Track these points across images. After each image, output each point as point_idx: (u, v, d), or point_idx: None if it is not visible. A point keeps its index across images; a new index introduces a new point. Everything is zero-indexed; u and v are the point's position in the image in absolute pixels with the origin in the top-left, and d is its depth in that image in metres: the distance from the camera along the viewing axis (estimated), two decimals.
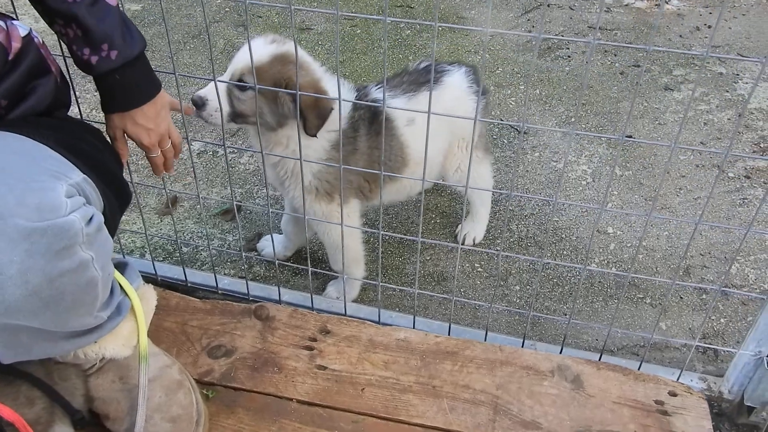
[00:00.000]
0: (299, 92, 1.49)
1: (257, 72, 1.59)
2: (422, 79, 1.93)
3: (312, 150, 1.74)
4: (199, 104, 1.67)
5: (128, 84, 1.38)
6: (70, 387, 1.39)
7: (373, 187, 1.91)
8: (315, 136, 1.68)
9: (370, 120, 1.83)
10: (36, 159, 1.15)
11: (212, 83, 1.66)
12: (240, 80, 1.67)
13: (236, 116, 1.70)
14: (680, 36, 3.38)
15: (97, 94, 1.42)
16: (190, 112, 1.66)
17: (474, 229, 2.27)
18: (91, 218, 1.14)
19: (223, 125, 1.66)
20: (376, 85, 1.92)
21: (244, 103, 1.68)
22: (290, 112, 1.68)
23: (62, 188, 1.10)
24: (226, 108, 1.67)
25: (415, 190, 2.15)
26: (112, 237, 1.34)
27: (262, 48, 1.68)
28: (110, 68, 1.33)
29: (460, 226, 2.29)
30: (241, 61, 1.68)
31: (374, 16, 1.29)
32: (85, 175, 1.19)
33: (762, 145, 2.67)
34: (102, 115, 1.47)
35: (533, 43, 3.13)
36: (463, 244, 2.23)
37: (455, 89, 1.95)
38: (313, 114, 1.65)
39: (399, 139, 1.87)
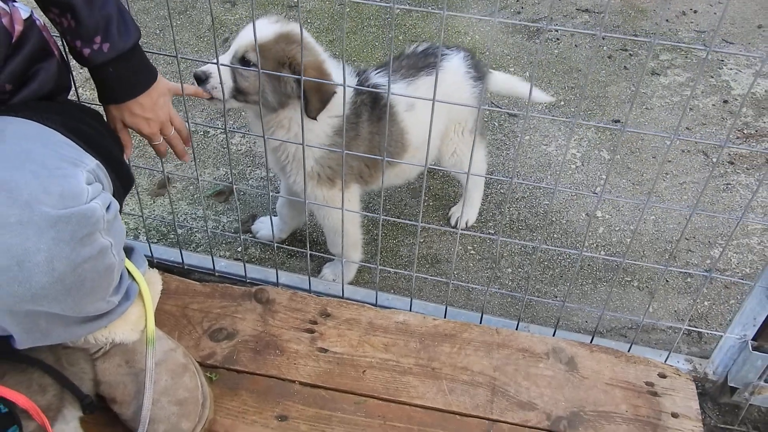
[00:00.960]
0: (303, 77, 1.49)
1: (261, 50, 1.58)
2: (421, 63, 1.94)
3: (314, 135, 1.74)
4: (202, 79, 1.66)
5: (122, 76, 1.37)
6: (79, 372, 1.40)
7: (373, 172, 1.93)
8: (315, 118, 1.69)
9: (372, 105, 1.83)
10: (53, 145, 1.15)
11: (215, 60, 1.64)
12: (243, 57, 1.67)
13: (238, 93, 1.70)
14: (666, 20, 3.41)
15: (83, 71, 1.41)
16: (201, 94, 1.65)
17: (466, 211, 2.30)
18: (109, 205, 1.15)
19: (225, 103, 1.66)
20: (376, 70, 1.92)
21: (247, 80, 1.67)
22: (293, 92, 1.69)
23: (82, 176, 1.11)
24: (229, 84, 1.66)
25: (414, 175, 2.17)
26: None
27: (266, 27, 1.68)
28: (103, 61, 1.32)
29: (452, 209, 2.32)
30: (245, 38, 1.67)
31: (380, 3, 1.29)
32: (98, 162, 1.19)
33: (746, 132, 2.74)
34: (89, 92, 1.45)
35: (522, 25, 3.14)
36: (455, 226, 2.27)
37: (454, 74, 1.97)
38: (315, 96, 1.66)
39: (399, 125, 1.89)
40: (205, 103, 2.70)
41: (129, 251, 1.47)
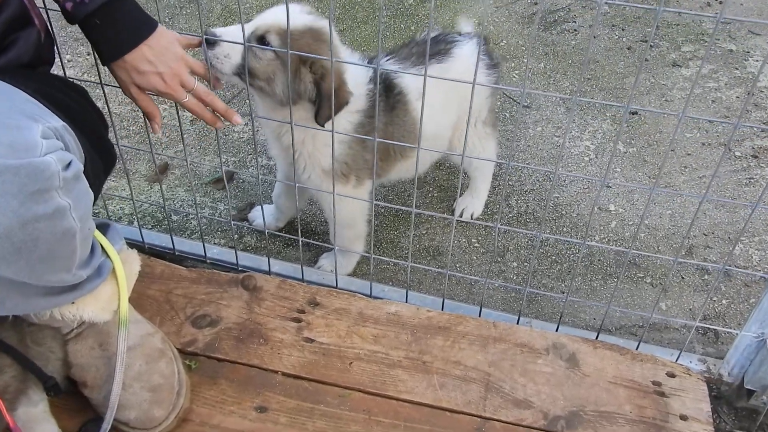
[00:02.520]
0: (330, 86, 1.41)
1: (285, 36, 1.44)
2: (432, 50, 1.84)
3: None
4: (211, 41, 1.47)
5: (111, 27, 1.28)
6: (45, 351, 1.34)
7: (385, 165, 1.85)
8: (323, 126, 1.57)
9: (385, 95, 1.75)
10: (15, 101, 1.08)
11: (233, 28, 1.50)
12: (263, 37, 1.52)
13: (243, 71, 1.51)
14: (690, 11, 3.28)
15: (89, 57, 1.35)
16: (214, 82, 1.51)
17: (472, 203, 2.21)
18: (69, 164, 1.07)
19: (225, 76, 1.55)
20: (386, 56, 1.84)
21: (259, 62, 1.52)
22: (305, 93, 1.56)
23: (38, 128, 1.03)
24: (236, 59, 1.50)
25: (425, 167, 2.09)
26: (96, 199, 1.28)
27: (297, 15, 1.54)
28: (86, 13, 1.25)
29: (458, 200, 2.23)
30: (269, 17, 1.54)
31: None
32: (64, 123, 1.13)
33: None
34: (94, 77, 1.39)
35: (538, 15, 3.04)
36: (460, 217, 2.18)
37: (465, 61, 1.86)
38: (329, 103, 1.50)
39: (411, 114, 1.80)
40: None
41: (105, 227, 1.41)
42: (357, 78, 1.67)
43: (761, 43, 3.01)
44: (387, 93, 1.77)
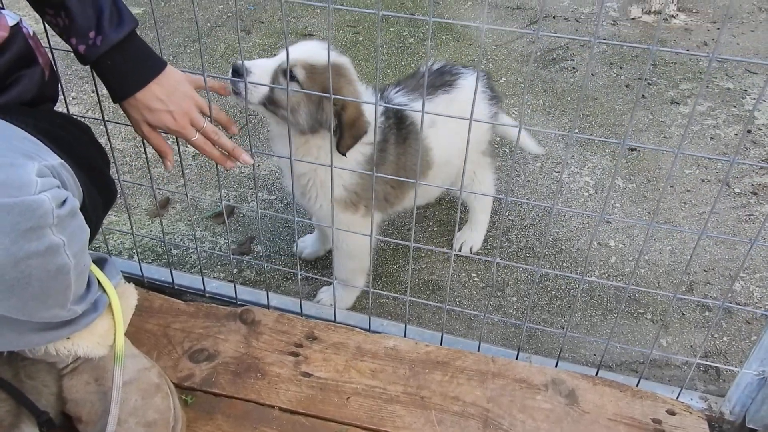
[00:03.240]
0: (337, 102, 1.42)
1: (311, 70, 1.56)
2: (438, 81, 1.91)
3: (343, 161, 1.66)
4: (240, 73, 1.53)
5: (121, 67, 1.32)
6: (38, 386, 1.33)
7: (399, 193, 1.88)
8: (345, 154, 1.63)
9: (397, 126, 1.79)
10: (11, 139, 1.10)
11: (263, 61, 1.59)
12: (290, 70, 1.57)
13: (270, 102, 1.60)
14: (687, 50, 3.33)
15: (93, 95, 1.38)
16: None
17: (472, 237, 2.22)
18: (64, 201, 1.07)
19: (250, 105, 1.60)
20: (395, 89, 1.90)
21: (284, 94, 1.57)
22: (326, 122, 1.61)
23: (33, 167, 1.04)
24: (264, 89, 1.57)
25: (435, 195, 2.14)
26: (95, 234, 1.29)
27: (319, 50, 1.62)
28: (99, 54, 1.29)
29: (457, 234, 2.23)
30: (297, 52, 1.59)
31: (367, 10, 1.24)
32: (62, 161, 1.14)
33: None
34: (98, 114, 1.42)
35: (537, 53, 3.09)
36: (459, 251, 2.18)
37: (470, 92, 1.90)
38: (349, 133, 1.59)
39: (423, 143, 1.83)
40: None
41: (102, 262, 1.41)
42: (369, 112, 1.71)
43: (758, 81, 3.05)
44: (399, 125, 1.82)
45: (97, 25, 1.27)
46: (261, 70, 1.57)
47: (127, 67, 1.33)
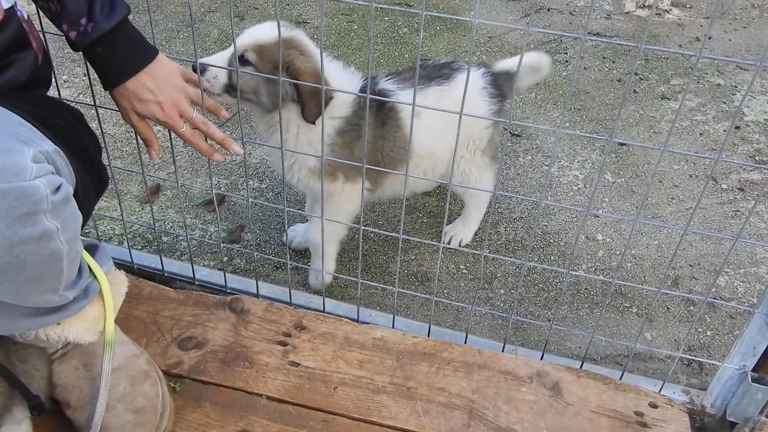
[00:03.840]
0: (295, 81, 1.45)
1: (261, 51, 1.65)
2: (434, 74, 1.92)
3: (316, 135, 1.73)
4: (201, 69, 1.62)
5: (113, 55, 1.32)
6: (30, 369, 1.33)
7: (377, 176, 1.90)
8: (314, 123, 1.69)
9: (377, 108, 1.83)
10: (6, 124, 1.10)
11: (219, 54, 1.69)
12: (242, 56, 1.67)
13: (232, 89, 1.69)
14: (680, 45, 3.34)
15: (85, 78, 1.37)
16: (201, 83, 1.57)
17: (462, 231, 2.23)
18: (58, 187, 1.08)
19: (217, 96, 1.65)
20: (386, 76, 1.92)
21: (242, 78, 1.66)
22: (287, 95, 1.68)
23: (29, 152, 1.05)
24: (223, 79, 1.67)
25: (420, 186, 2.15)
26: (86, 220, 1.29)
27: (269, 30, 1.69)
28: (89, 42, 1.28)
29: (447, 227, 2.24)
30: (246, 38, 1.68)
31: (360, 1, 1.25)
32: (56, 147, 1.14)
33: (757, 158, 2.64)
34: (90, 99, 1.42)
35: (530, 46, 3.10)
36: (448, 244, 2.19)
37: (468, 87, 1.90)
38: (312, 101, 1.65)
39: (404, 131, 1.84)
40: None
41: (93, 248, 1.42)
42: (337, 82, 1.77)
43: (749, 77, 3.07)
44: (379, 107, 1.84)
45: (88, 11, 1.26)
46: (217, 62, 1.67)
47: (117, 56, 1.33)
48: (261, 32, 1.68)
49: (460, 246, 2.21)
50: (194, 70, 1.59)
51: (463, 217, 2.24)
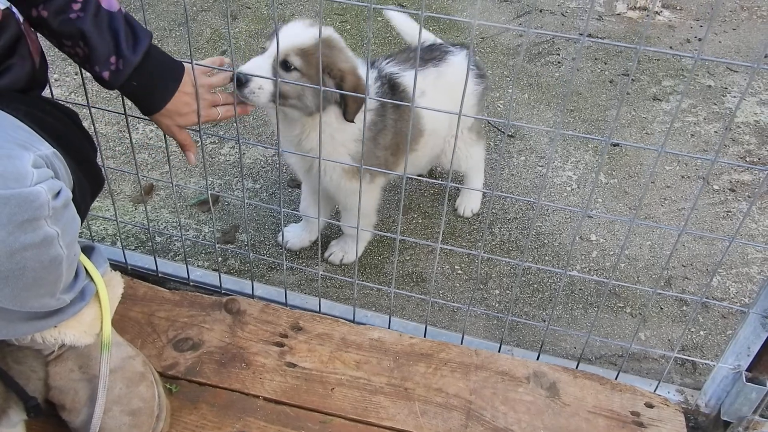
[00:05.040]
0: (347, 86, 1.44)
1: (303, 54, 1.62)
2: (427, 56, 2.01)
3: (348, 133, 1.77)
4: (243, 81, 1.57)
5: (147, 85, 1.35)
6: (26, 370, 1.32)
7: (395, 160, 1.95)
8: (353, 121, 1.70)
9: (392, 93, 1.88)
10: (4, 128, 1.09)
11: (253, 60, 1.64)
12: (285, 61, 1.63)
13: (276, 97, 1.61)
14: (670, 47, 3.36)
15: (77, 77, 1.36)
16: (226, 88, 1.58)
17: (470, 200, 2.35)
18: (58, 192, 1.08)
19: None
20: (386, 60, 1.96)
21: (288, 84, 1.63)
22: (332, 97, 1.69)
23: (29, 158, 1.04)
24: (268, 88, 1.60)
25: (424, 163, 2.22)
26: (82, 221, 1.28)
27: (305, 30, 1.67)
28: (124, 79, 1.30)
29: (457, 200, 2.36)
30: (285, 41, 1.61)
31: (358, 3, 1.24)
32: (54, 150, 1.14)
33: (748, 159, 2.66)
34: (81, 98, 1.41)
35: (523, 46, 3.12)
36: (462, 215, 2.32)
37: (458, 68, 2.00)
38: (352, 99, 1.67)
39: (414, 111, 1.86)
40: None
41: (89, 250, 1.41)
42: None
43: (739, 79, 3.10)
44: (392, 92, 1.89)
45: (116, 49, 1.27)
46: (260, 71, 1.59)
47: (152, 84, 1.35)
48: (297, 34, 1.64)
49: (471, 215, 2.33)
50: (234, 80, 1.56)
51: (467, 189, 2.34)
